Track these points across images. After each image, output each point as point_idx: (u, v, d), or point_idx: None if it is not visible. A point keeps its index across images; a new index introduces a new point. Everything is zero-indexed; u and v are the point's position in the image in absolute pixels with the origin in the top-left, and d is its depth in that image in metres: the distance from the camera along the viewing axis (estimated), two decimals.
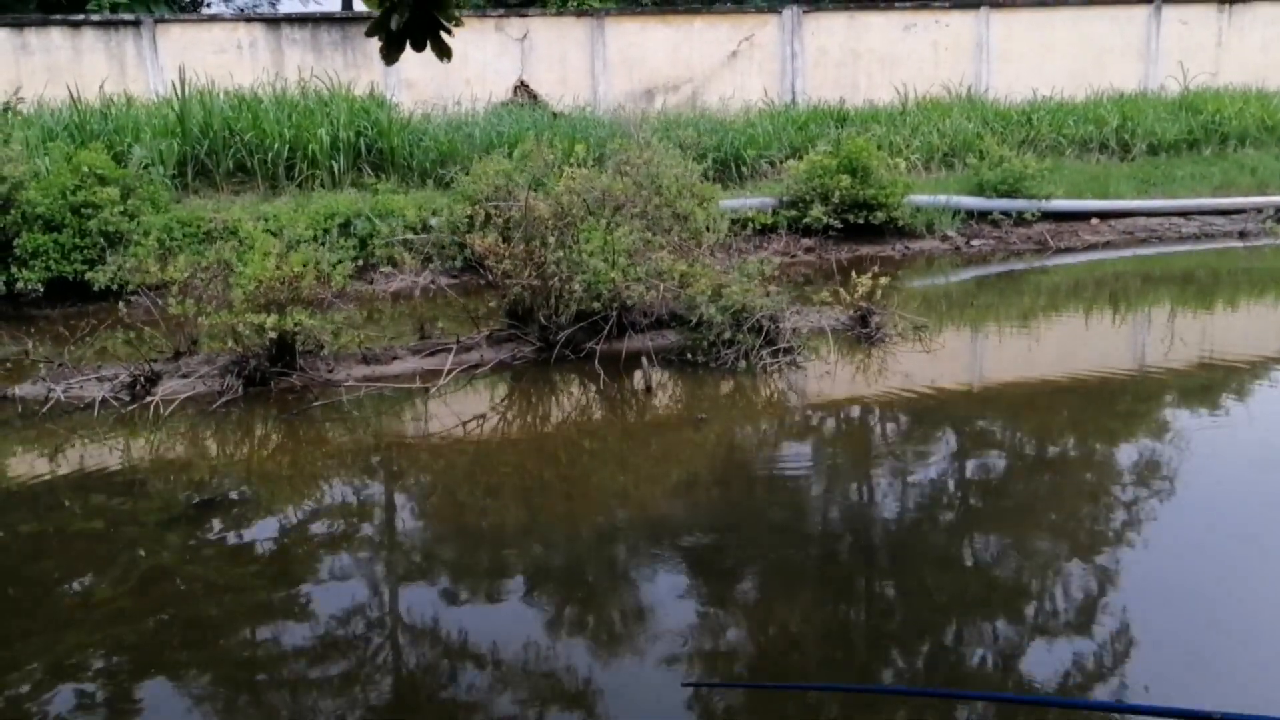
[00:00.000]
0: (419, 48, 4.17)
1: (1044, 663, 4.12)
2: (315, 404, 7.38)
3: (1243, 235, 13.66)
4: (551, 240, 8.15)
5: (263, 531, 5.54)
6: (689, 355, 8.06)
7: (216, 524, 5.57)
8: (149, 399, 7.28)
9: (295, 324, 7.41)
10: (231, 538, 5.44)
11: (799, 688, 4.03)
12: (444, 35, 4.17)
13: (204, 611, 4.67)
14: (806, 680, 4.06)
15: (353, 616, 4.60)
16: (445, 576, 5.07)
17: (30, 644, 4.40)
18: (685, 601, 4.66)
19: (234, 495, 6.01)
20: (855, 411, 7.42)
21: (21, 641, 4.42)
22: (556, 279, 8.06)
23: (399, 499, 6.13)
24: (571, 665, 4.16)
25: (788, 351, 8.09)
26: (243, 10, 17.18)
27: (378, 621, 4.61)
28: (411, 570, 5.13)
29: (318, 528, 5.61)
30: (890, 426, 7.16)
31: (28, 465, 6.58)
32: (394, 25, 4.08)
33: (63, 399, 7.38)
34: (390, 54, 4.16)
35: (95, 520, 5.76)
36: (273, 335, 7.40)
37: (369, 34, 4.15)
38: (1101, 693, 3.91)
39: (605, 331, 8.15)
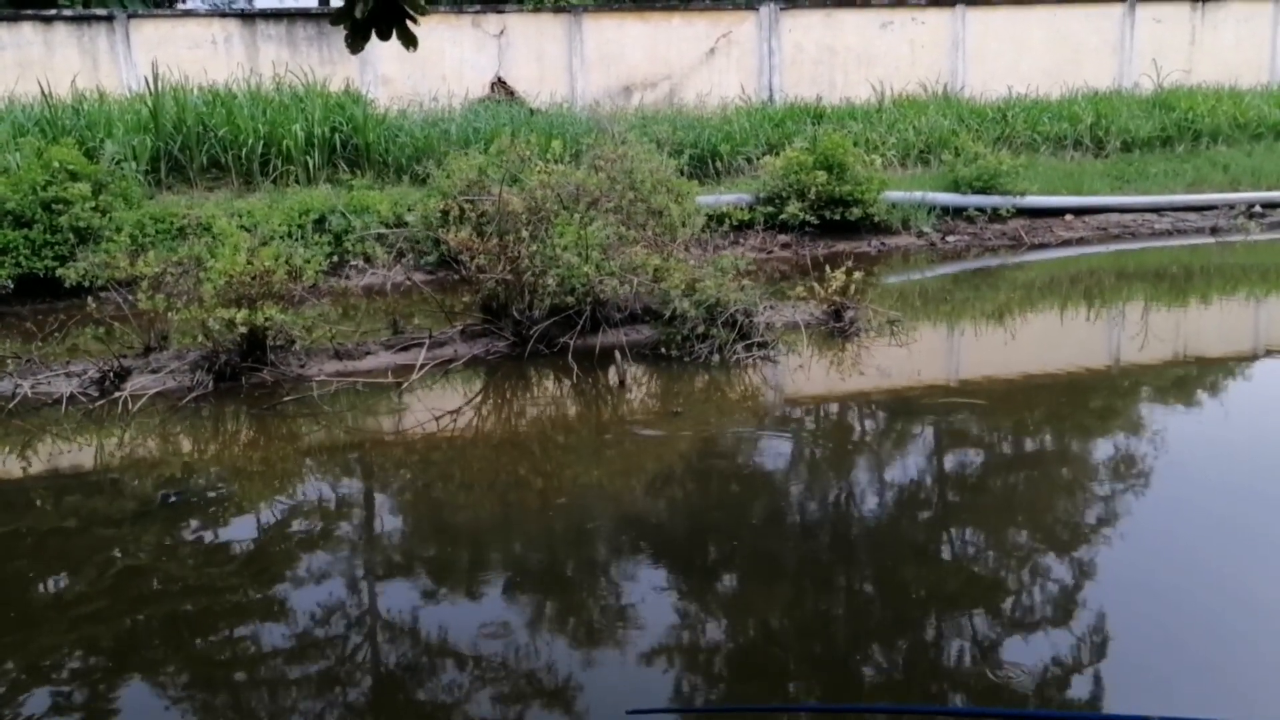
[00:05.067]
0: (384, 36, 4.15)
1: (1019, 660, 4.11)
2: (286, 399, 7.33)
3: (1215, 231, 13.77)
4: (525, 235, 8.13)
5: (234, 527, 5.50)
6: (663, 350, 8.06)
7: (186, 520, 5.52)
8: (118, 394, 7.22)
9: (266, 319, 7.35)
10: (202, 534, 5.39)
11: (750, 710, 3.96)
12: (410, 24, 4.16)
13: (177, 609, 4.63)
14: (782, 698, 4.00)
15: (323, 611, 4.57)
16: (417, 574, 5.04)
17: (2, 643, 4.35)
18: (658, 601, 4.64)
19: (204, 491, 5.96)
20: (828, 405, 7.43)
21: None
22: (530, 273, 8.05)
23: (371, 494, 6.10)
24: (534, 670, 4.14)
25: (761, 346, 8.09)
26: (217, 6, 17.06)
27: (348, 616, 4.57)
28: (384, 567, 5.10)
29: (289, 523, 5.57)
30: (863, 420, 7.18)
31: None
32: (359, 13, 4.06)
33: (30, 395, 7.31)
34: (355, 43, 4.14)
35: (63, 516, 5.70)
36: (243, 330, 7.35)
37: (334, 22, 4.13)
38: (1078, 690, 3.91)
39: (579, 326, 8.14)
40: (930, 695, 3.91)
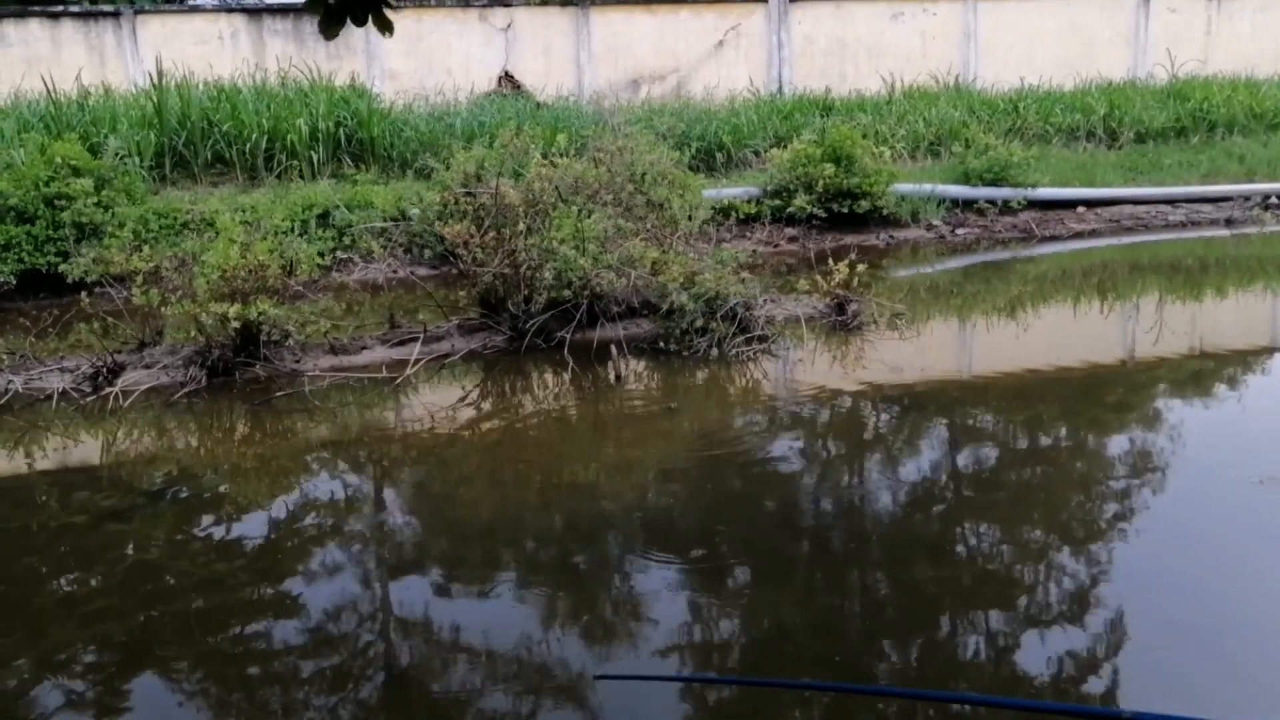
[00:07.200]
0: (360, 22, 4.06)
1: (1029, 658, 4.00)
2: (279, 394, 7.26)
3: (1229, 223, 13.55)
4: (523, 227, 8.04)
5: (225, 523, 5.42)
6: (661, 344, 7.96)
7: (174, 516, 5.46)
8: (110, 390, 7.17)
9: (260, 314, 7.29)
10: (192, 530, 5.32)
11: (721, 681, 3.86)
12: (386, 9, 4.07)
13: (171, 604, 4.56)
14: (778, 677, 3.92)
15: (320, 604, 4.50)
16: (413, 568, 4.96)
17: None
18: (654, 594, 4.53)
19: (194, 487, 5.90)
20: (828, 399, 7.30)
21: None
22: (527, 266, 7.96)
23: (363, 489, 6.03)
24: (531, 662, 4.05)
25: (761, 339, 7.98)
26: (224, 1, 17.01)
27: (350, 608, 4.49)
28: (379, 561, 5.02)
29: (280, 519, 5.50)
30: (863, 415, 7.05)
31: None
32: None
33: (22, 390, 7.27)
34: (329, 29, 4.04)
35: (50, 513, 5.65)
36: (236, 325, 7.29)
37: (306, 9, 4.05)
38: (1094, 688, 3.79)
39: (576, 320, 8.04)
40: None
